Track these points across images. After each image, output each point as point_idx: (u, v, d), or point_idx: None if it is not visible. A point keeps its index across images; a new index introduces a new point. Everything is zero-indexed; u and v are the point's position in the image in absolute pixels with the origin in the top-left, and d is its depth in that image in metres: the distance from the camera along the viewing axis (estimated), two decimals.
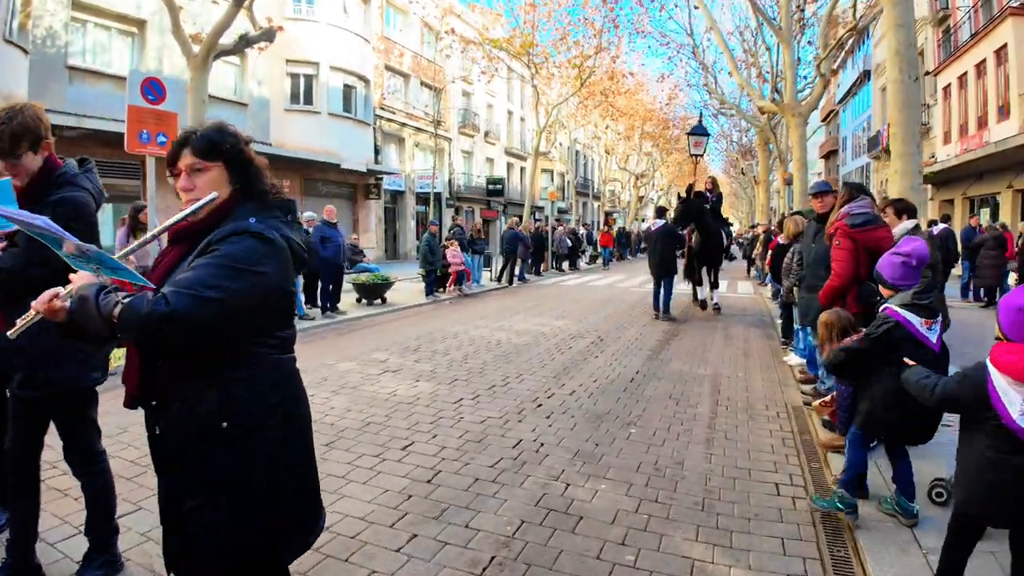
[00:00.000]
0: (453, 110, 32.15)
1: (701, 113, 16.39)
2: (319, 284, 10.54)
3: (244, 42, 12.08)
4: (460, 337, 8.78)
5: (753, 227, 20.18)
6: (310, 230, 10.62)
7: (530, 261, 19.96)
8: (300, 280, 10.71)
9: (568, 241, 24.01)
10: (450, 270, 14.17)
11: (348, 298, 12.24)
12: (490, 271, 18.71)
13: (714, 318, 11.05)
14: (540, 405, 5.37)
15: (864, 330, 3.35)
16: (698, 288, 11.76)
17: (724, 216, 13.40)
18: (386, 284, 12.18)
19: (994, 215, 18.45)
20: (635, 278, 19.82)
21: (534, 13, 22.21)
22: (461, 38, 23.34)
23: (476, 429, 4.71)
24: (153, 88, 8.31)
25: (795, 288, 6.21)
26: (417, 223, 28.29)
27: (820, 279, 5.15)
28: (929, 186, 21.17)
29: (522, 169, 40.53)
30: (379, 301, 12.17)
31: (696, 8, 15.25)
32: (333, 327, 9.79)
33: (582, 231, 29.42)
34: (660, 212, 11.88)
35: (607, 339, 8.76)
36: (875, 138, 29.87)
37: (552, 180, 44.37)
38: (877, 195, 32.54)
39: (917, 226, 4.61)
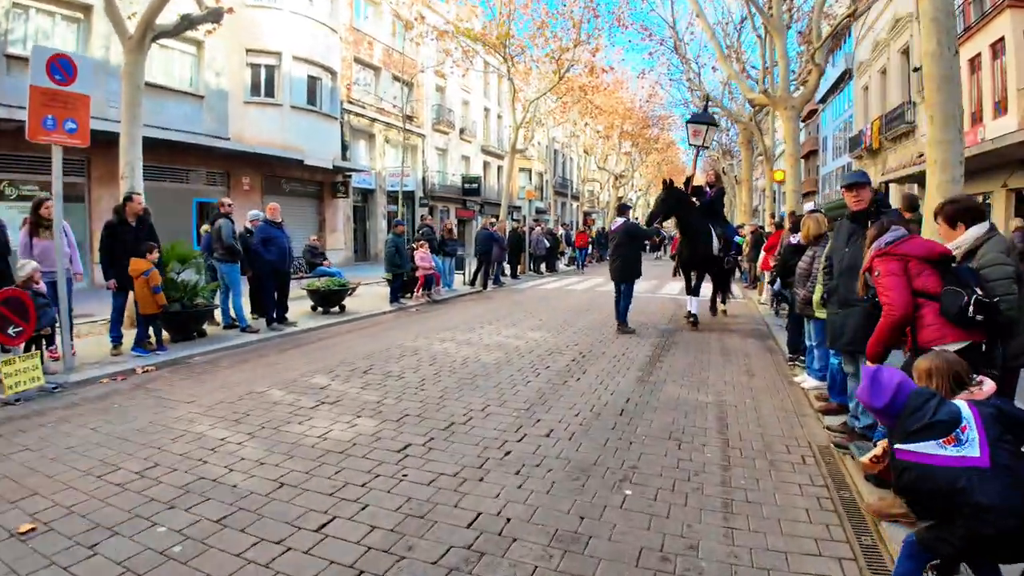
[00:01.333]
0: (427, 105, 30.94)
1: (708, 98, 14.70)
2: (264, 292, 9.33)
3: (187, 22, 10.88)
4: (420, 354, 7.63)
5: (739, 228, 19.37)
6: (253, 230, 9.44)
7: (506, 263, 18.88)
8: (245, 287, 9.54)
9: (546, 242, 22.94)
10: (418, 274, 12.99)
11: (303, 306, 11.03)
12: (463, 274, 17.56)
13: (707, 328, 10.02)
14: (508, 453, 4.24)
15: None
16: (693, 299, 10.26)
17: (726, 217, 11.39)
18: (343, 291, 10.96)
19: None
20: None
21: (510, 5, 21.09)
22: (434, 28, 22.18)
23: (421, 495, 3.57)
24: (62, 67, 7.09)
25: (819, 301, 5.16)
26: (388, 223, 27.07)
27: (857, 292, 4.12)
28: (916, 185, 20.50)
29: (499, 168, 39.44)
30: (337, 309, 10.96)
31: None
32: (276, 342, 8.57)
33: (561, 231, 28.35)
34: (622, 209, 10.46)
35: (589, 355, 7.68)
36: (856, 138, 29.29)
37: (530, 179, 43.38)
38: None
39: (992, 228, 3.52)
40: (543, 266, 23.13)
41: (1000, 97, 15.83)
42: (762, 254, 12.70)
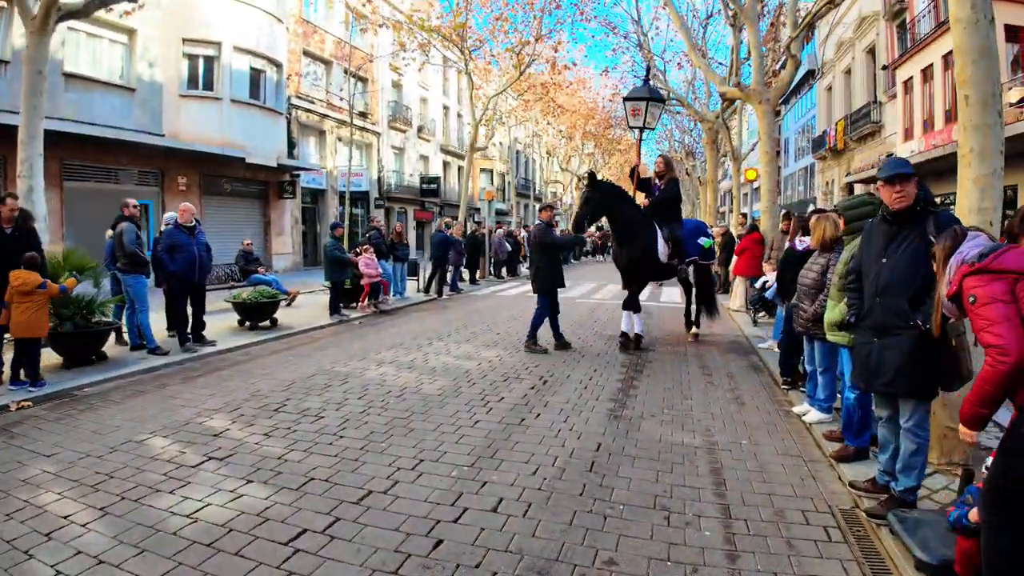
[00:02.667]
0: (382, 102, 29.55)
1: (648, 68, 12.26)
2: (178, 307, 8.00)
3: (98, 1, 9.58)
4: (350, 383, 6.41)
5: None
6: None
7: (463, 268, 17.73)
8: (158, 302, 8.24)
9: (508, 245, 21.84)
10: (362, 282, 11.73)
11: (230, 320, 9.72)
12: (417, 280, 16.35)
13: (681, 343, 9.05)
14: (439, 545, 3.08)
15: None
16: (631, 315, 8.82)
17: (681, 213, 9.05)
18: (273, 303, 9.62)
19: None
20: (580, 286, 17.85)
21: None
22: (387, 20, 20.89)
23: None
24: None
25: (832, 321, 4.18)
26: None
27: (900, 316, 3.15)
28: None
29: (459, 168, 38.22)
30: (267, 324, 9.65)
31: None
32: (186, 367, 7.25)
33: (522, 234, 27.26)
34: (543, 208, 8.95)
35: (551, 381, 6.59)
36: (820, 138, 29.02)
37: (492, 180, 42.27)
38: (821, 196, 31.25)
39: None
40: (504, 270, 22.04)
41: None
42: (734, 258, 11.88)
